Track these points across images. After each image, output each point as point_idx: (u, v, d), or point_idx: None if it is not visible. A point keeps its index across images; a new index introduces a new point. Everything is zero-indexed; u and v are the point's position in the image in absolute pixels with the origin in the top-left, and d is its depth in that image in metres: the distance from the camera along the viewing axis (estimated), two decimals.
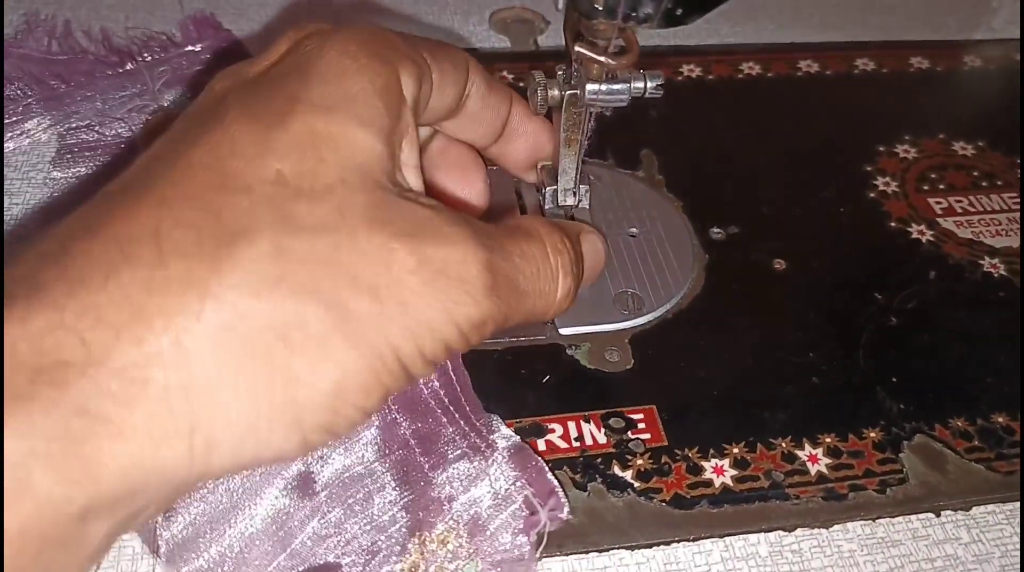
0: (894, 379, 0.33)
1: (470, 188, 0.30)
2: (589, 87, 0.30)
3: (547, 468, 0.28)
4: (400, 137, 0.22)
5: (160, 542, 0.25)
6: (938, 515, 0.29)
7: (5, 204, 0.36)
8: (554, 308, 0.25)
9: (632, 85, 0.30)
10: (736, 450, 0.30)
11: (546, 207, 0.35)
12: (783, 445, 0.31)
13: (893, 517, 0.29)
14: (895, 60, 0.49)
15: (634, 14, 0.25)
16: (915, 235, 0.39)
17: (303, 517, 0.26)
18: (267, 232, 0.19)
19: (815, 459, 0.30)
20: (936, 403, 0.32)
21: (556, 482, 0.28)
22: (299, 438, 0.19)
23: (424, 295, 0.20)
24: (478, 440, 0.28)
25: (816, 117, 0.45)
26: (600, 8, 0.25)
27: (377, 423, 0.29)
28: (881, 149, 0.43)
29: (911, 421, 0.32)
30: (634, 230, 0.38)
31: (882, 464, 0.30)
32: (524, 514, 0.27)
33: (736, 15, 0.51)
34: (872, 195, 0.41)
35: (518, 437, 0.29)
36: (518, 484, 0.28)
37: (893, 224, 0.40)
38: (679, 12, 0.25)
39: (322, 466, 0.27)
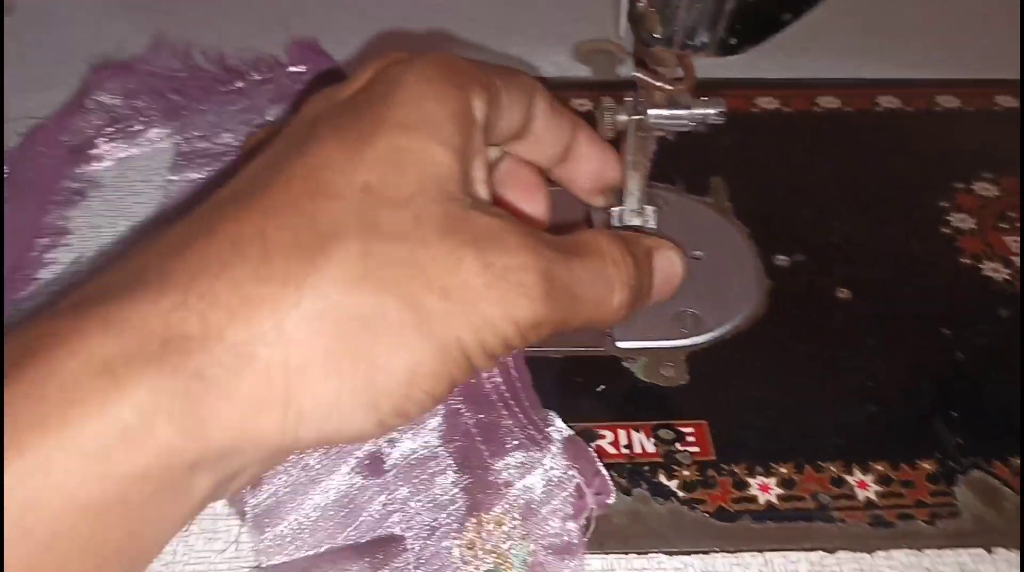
0: (954, 413, 0.33)
1: (532, 207, 0.32)
2: (651, 112, 0.31)
3: (597, 458, 0.30)
4: (472, 155, 0.25)
5: (247, 508, 0.28)
6: (989, 551, 0.29)
7: (129, 203, 0.40)
8: (611, 316, 0.26)
9: (693, 111, 0.31)
10: (784, 470, 0.31)
11: (613, 226, 0.37)
12: (832, 469, 0.31)
13: (941, 549, 0.29)
14: (979, 98, 0.48)
15: (690, 43, 0.26)
16: (988, 272, 0.39)
17: (372, 493, 0.29)
18: (355, 235, 0.21)
19: (864, 485, 0.30)
20: (997, 440, 0.32)
21: (604, 470, 0.29)
22: (376, 419, 0.22)
23: (487, 296, 0.22)
24: (535, 432, 0.30)
25: (893, 152, 0.45)
26: (659, 37, 0.27)
27: (443, 412, 0.31)
28: (959, 186, 0.43)
29: (968, 456, 0.31)
30: (698, 253, 0.39)
31: (934, 496, 0.30)
32: (574, 500, 0.29)
33: (816, 50, 0.52)
34: (946, 231, 0.41)
35: (572, 431, 0.31)
36: (569, 473, 0.29)
37: (966, 260, 0.39)
38: (733, 42, 0.26)
39: (391, 448, 0.30)
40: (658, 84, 0.29)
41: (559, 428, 0.31)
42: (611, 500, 0.29)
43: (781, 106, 0.48)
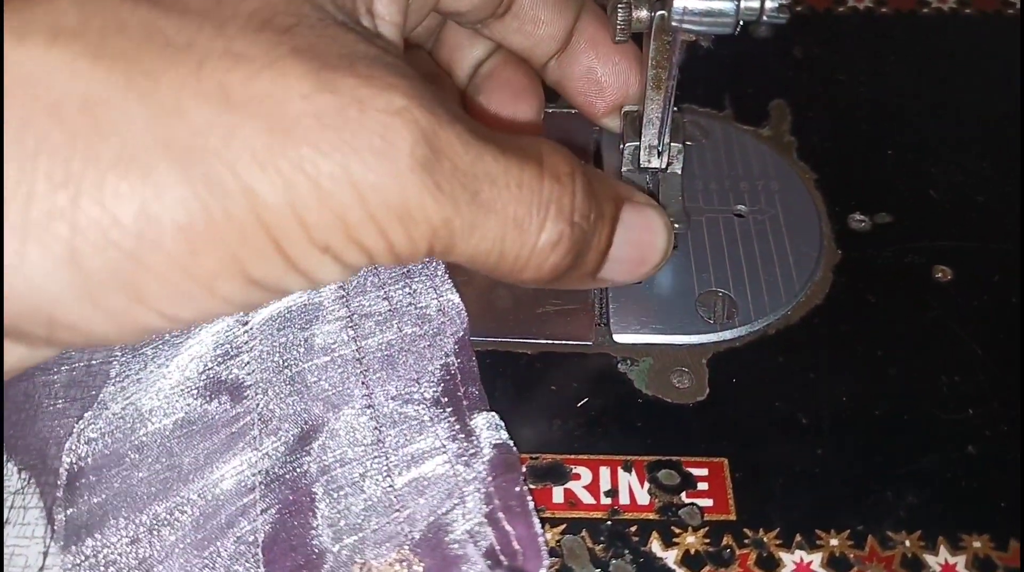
0: None
1: (520, 111, 0.25)
2: (677, 5, 0.21)
3: (531, 505, 0.21)
4: None
5: (57, 517, 0.21)
6: None
7: None
8: (532, 257, 0.18)
9: (742, 4, 0.21)
10: (835, 541, 0.21)
11: (623, 169, 0.27)
12: (907, 543, 0.21)
13: None
14: None
15: None
16: None
17: (230, 515, 0.21)
18: None
19: (952, 571, 0.21)
20: None
21: (540, 531, 0.21)
22: (74, 284, 0.15)
23: (313, 132, 0.15)
24: (466, 446, 0.22)
25: None
26: None
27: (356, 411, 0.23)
28: None
29: None
30: (742, 208, 0.28)
31: None
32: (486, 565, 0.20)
33: None
34: None
35: (510, 443, 0.22)
36: (495, 514, 0.21)
37: None
38: None
39: (255, 448, 0.22)
40: None
41: (493, 439, 0.22)
42: None
43: (876, 5, 0.36)
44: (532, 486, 0.22)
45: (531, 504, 0.21)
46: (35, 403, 0.23)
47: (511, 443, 0.22)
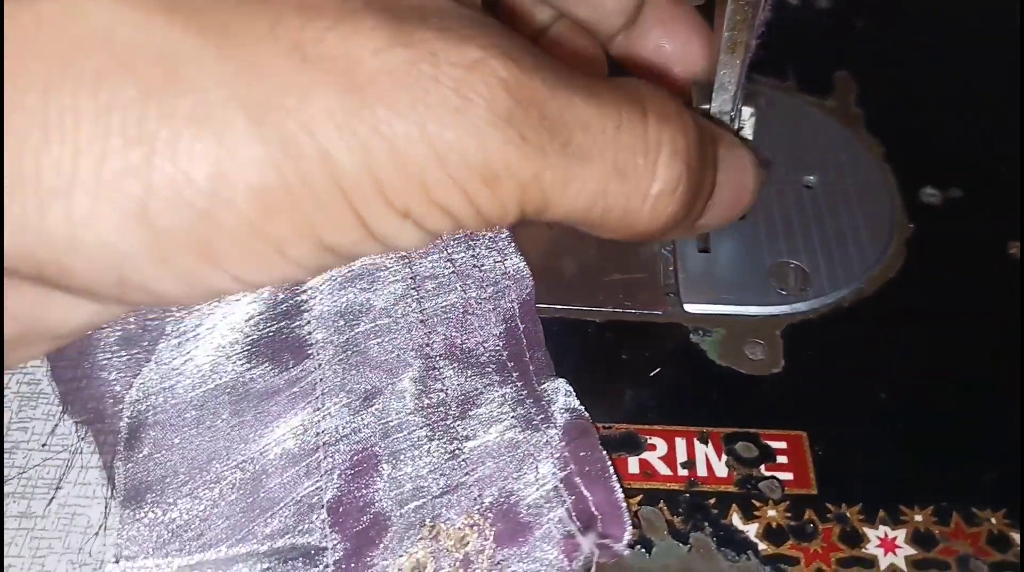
0: None
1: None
2: None
3: (611, 468, 0.21)
4: None
5: (118, 473, 0.20)
6: None
7: None
8: (646, 207, 0.16)
9: None
10: (919, 517, 0.21)
11: None
12: (993, 521, 0.21)
13: None
14: None
15: None
16: None
17: (294, 475, 0.21)
18: None
19: None
20: None
21: (619, 491, 0.20)
22: (140, 241, 0.14)
23: (387, 92, 0.14)
24: (532, 408, 0.21)
25: None
26: None
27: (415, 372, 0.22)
28: None
29: None
30: (811, 179, 0.28)
31: None
32: (566, 532, 0.20)
33: None
34: None
35: (582, 409, 0.22)
36: (572, 479, 0.20)
37: None
38: None
39: (320, 418, 0.21)
40: None
41: (564, 406, 0.22)
42: (623, 543, 0.20)
43: None
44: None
45: (611, 469, 0.20)
46: (90, 359, 0.22)
47: (582, 408, 0.22)
